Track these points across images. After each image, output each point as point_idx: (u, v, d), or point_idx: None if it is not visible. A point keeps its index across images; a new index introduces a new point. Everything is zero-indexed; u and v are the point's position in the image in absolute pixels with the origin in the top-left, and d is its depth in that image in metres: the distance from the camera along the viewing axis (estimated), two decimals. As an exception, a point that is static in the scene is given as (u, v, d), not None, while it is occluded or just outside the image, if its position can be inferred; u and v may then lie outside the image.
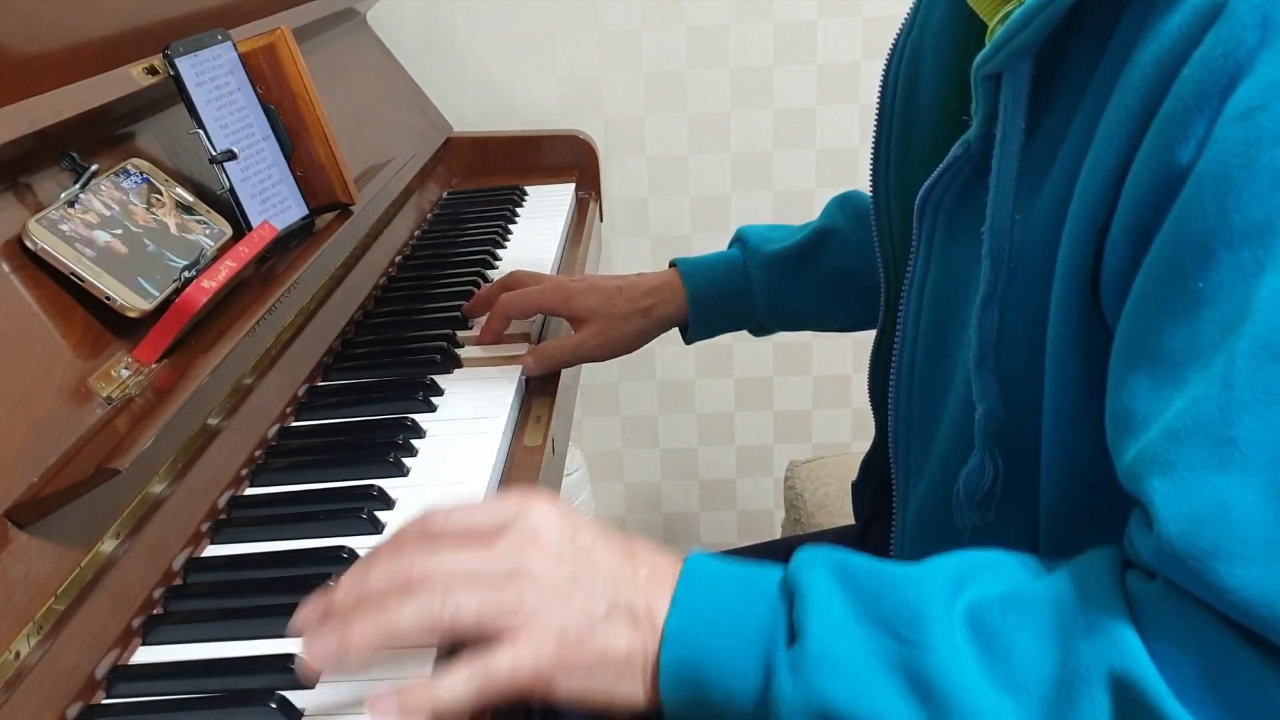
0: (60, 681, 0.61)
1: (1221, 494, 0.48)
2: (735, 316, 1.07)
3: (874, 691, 0.53)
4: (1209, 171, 0.50)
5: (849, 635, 0.54)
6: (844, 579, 0.56)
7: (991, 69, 0.61)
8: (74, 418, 0.70)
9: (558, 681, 0.56)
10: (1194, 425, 0.49)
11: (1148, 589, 0.51)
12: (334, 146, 1.04)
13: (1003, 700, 0.51)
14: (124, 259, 0.79)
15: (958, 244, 0.69)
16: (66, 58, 0.84)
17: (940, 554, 0.58)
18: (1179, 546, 0.49)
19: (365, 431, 0.90)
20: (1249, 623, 0.47)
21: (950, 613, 0.53)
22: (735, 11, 1.68)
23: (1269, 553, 0.47)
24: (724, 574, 0.58)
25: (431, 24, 1.71)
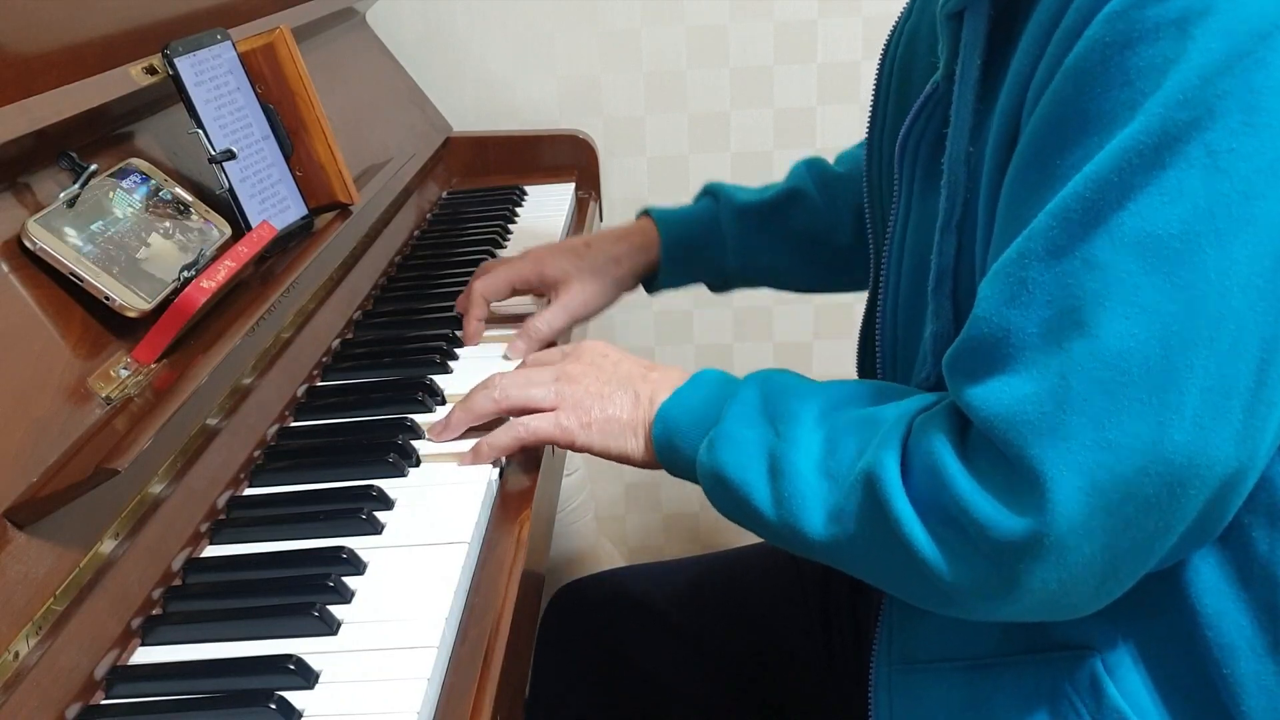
0: (59, 682, 0.61)
1: (1007, 322, 0.59)
2: (704, 266, 1.10)
3: (748, 464, 0.70)
4: (1073, 65, 0.58)
5: (748, 424, 0.72)
6: (764, 388, 0.74)
7: (954, 7, 0.68)
8: (73, 418, 0.70)
9: (576, 435, 0.79)
10: (1000, 267, 0.60)
11: (924, 416, 0.65)
12: (333, 146, 1.04)
13: (820, 482, 0.67)
14: (123, 259, 0.79)
15: (934, 186, 0.73)
16: (66, 57, 0.84)
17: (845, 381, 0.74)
18: (965, 359, 0.61)
19: (365, 432, 0.89)
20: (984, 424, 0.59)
21: (819, 422, 0.70)
22: (735, 11, 1.68)
23: (1024, 371, 0.58)
24: (713, 380, 0.78)
25: (431, 24, 1.71)
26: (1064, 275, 0.57)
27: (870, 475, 0.64)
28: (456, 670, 0.66)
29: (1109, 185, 0.56)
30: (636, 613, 1.02)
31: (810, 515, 0.67)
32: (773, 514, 0.69)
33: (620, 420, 0.79)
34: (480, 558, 0.75)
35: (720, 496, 0.73)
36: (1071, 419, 0.57)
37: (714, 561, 1.08)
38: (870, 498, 0.64)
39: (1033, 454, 0.57)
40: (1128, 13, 0.56)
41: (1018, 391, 0.58)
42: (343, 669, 0.64)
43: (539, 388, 0.81)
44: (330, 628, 0.67)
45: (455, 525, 0.76)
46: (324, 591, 0.69)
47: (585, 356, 0.83)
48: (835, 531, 0.67)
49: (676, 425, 0.76)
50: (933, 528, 0.62)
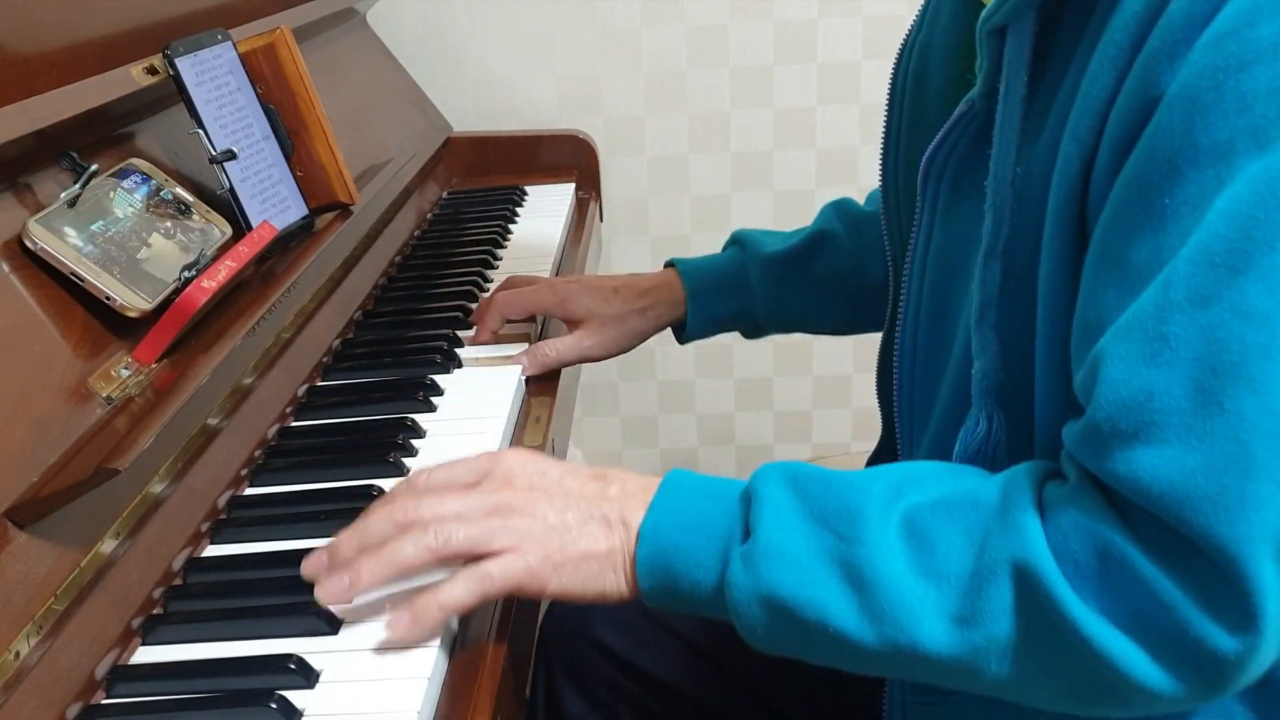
0: (60, 681, 0.61)
1: (1149, 384, 0.52)
2: (733, 316, 1.07)
3: (814, 580, 0.59)
4: (1180, 94, 0.52)
5: (794, 532, 0.60)
6: (794, 485, 0.63)
7: (997, 22, 0.63)
8: (74, 418, 0.70)
9: (549, 580, 0.65)
10: (1134, 321, 0.53)
11: (1060, 491, 0.57)
12: (334, 146, 1.04)
13: (925, 588, 0.57)
14: (124, 259, 0.79)
15: (961, 206, 0.70)
16: (66, 58, 0.84)
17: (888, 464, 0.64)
18: (1104, 428, 0.54)
19: (365, 431, 0.89)
20: (1148, 504, 0.52)
21: (887, 513, 0.59)
22: (735, 11, 1.68)
23: (1183, 439, 0.51)
24: (695, 484, 0.66)
25: (431, 24, 1.71)
26: (1214, 328, 0.51)
27: (1019, 569, 0.55)
28: (457, 670, 0.66)
29: (1254, 222, 0.50)
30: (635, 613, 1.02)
31: (926, 625, 0.57)
32: (868, 633, 0.58)
33: (597, 554, 0.65)
34: (480, 557, 0.75)
35: (775, 626, 0.61)
36: (1260, 487, 0.50)
37: None
38: (1023, 595, 0.55)
39: (1221, 533, 0.51)
40: (1238, 32, 0.51)
41: (1184, 464, 0.51)
42: (343, 668, 0.64)
43: (480, 524, 0.65)
44: (330, 627, 0.67)
45: (455, 525, 0.76)
46: (324, 591, 0.69)
47: (519, 478, 0.67)
48: (969, 639, 0.57)
49: (674, 546, 0.63)
50: (1120, 621, 0.54)
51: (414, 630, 0.64)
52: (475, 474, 0.68)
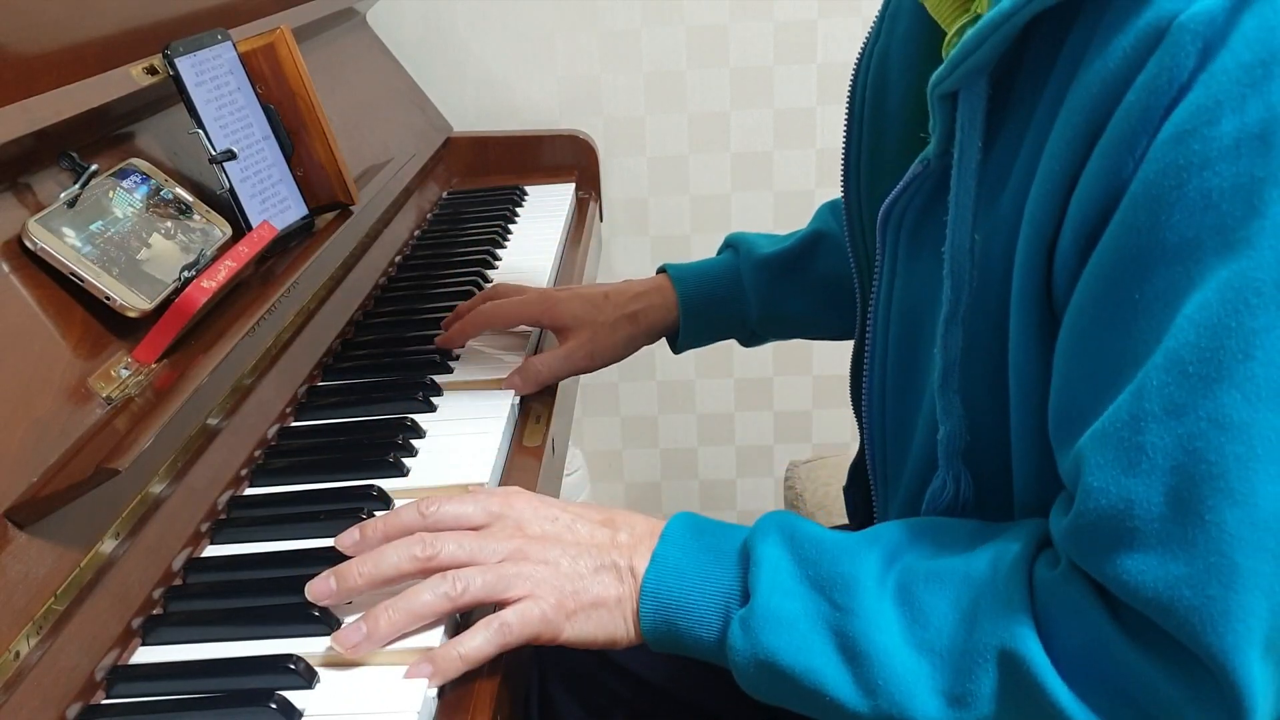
0: (60, 681, 0.61)
1: (1127, 493, 0.53)
2: (727, 322, 1.05)
3: (810, 649, 0.60)
4: (1144, 192, 0.52)
5: (791, 597, 0.62)
6: (792, 547, 0.64)
7: (948, 88, 0.62)
8: (74, 418, 0.70)
9: (563, 627, 0.66)
10: (1111, 430, 0.54)
11: (1051, 576, 0.57)
12: (334, 146, 1.04)
13: (919, 662, 0.58)
14: (124, 259, 0.79)
15: (921, 260, 0.69)
16: (66, 58, 0.84)
17: (882, 524, 0.66)
18: (1087, 534, 0.55)
19: (365, 431, 0.89)
20: (1136, 604, 0.53)
21: (882, 582, 0.61)
22: (735, 11, 1.68)
23: (1164, 548, 0.52)
24: (697, 534, 0.68)
25: (431, 24, 1.71)
26: (1190, 438, 0.51)
27: (1007, 655, 0.56)
28: (457, 670, 0.66)
29: (1225, 331, 0.50)
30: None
31: (919, 700, 0.58)
32: (862, 705, 0.59)
33: (608, 602, 0.66)
34: (480, 557, 0.75)
35: (773, 687, 0.63)
36: (1244, 598, 0.51)
37: None
38: (1011, 681, 0.56)
39: (1209, 642, 0.51)
40: (1199, 131, 0.51)
41: (1168, 572, 0.52)
42: (343, 668, 0.64)
43: (496, 571, 0.65)
44: (331, 627, 0.67)
45: (455, 525, 0.76)
46: (324, 591, 0.69)
47: (531, 524, 0.68)
48: (956, 717, 0.58)
49: (675, 604, 0.65)
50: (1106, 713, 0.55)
51: (437, 679, 0.63)
52: (486, 515, 0.69)
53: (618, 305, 1.01)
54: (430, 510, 0.68)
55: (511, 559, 0.66)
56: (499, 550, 0.66)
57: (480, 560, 0.66)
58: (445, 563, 0.65)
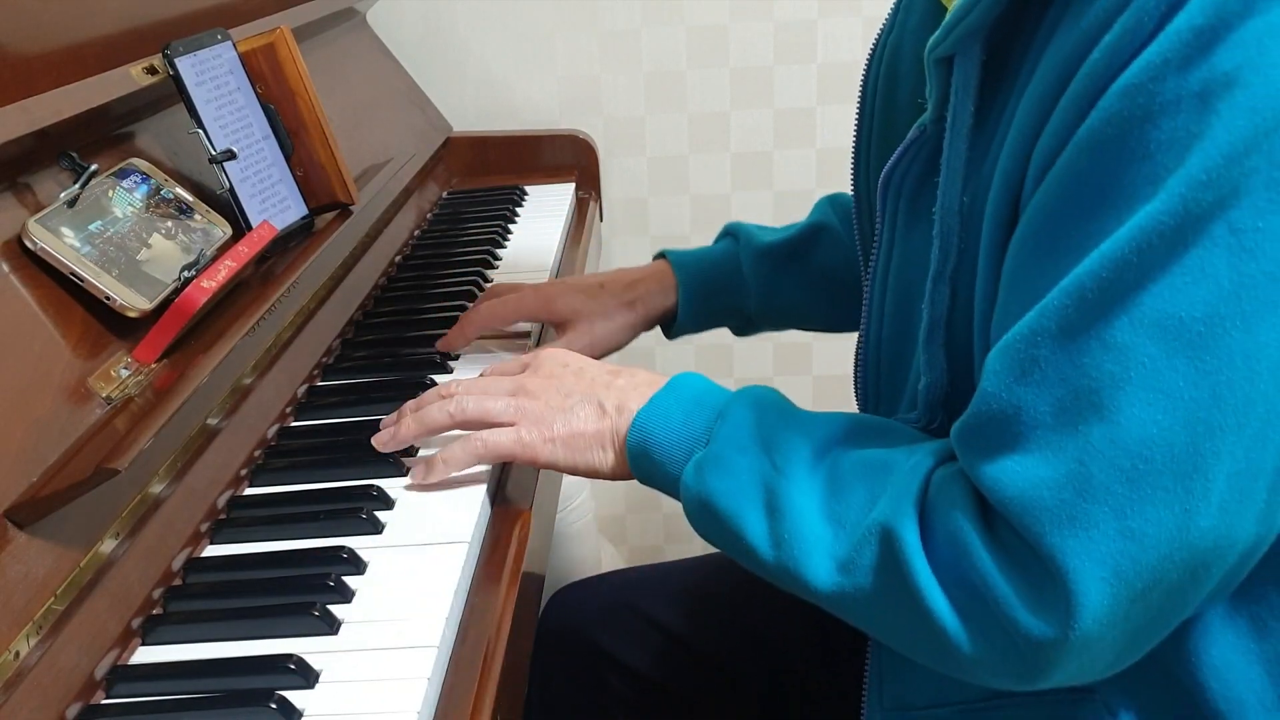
0: (60, 682, 0.61)
1: (1018, 400, 0.57)
2: (726, 310, 1.06)
3: (742, 496, 0.67)
4: (1088, 138, 0.56)
5: (742, 450, 0.68)
6: (759, 410, 0.70)
7: (943, 51, 0.65)
8: (73, 418, 0.70)
9: (539, 451, 0.76)
10: (1011, 342, 0.58)
11: (943, 473, 0.63)
12: (334, 146, 1.04)
13: (825, 528, 0.64)
14: (123, 259, 0.79)
15: (919, 228, 0.71)
16: (66, 57, 0.84)
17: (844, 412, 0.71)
18: (976, 435, 0.59)
19: (365, 431, 0.89)
20: (998, 503, 0.57)
21: (820, 457, 0.67)
22: (735, 11, 1.68)
23: (1038, 454, 0.56)
24: (694, 390, 0.74)
25: (431, 24, 1.71)
26: (1078, 355, 0.55)
27: (887, 531, 0.61)
28: (456, 670, 0.66)
29: (1127, 265, 0.54)
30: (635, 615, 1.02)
31: (814, 563, 0.64)
32: (769, 554, 0.66)
33: (585, 433, 0.75)
34: (480, 558, 0.76)
35: (705, 524, 0.70)
36: (1092, 508, 0.55)
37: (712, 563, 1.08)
38: (887, 556, 0.61)
39: (1052, 543, 0.55)
40: (1146, 85, 0.53)
41: (1033, 475, 0.56)
42: (343, 669, 0.64)
43: (496, 400, 0.78)
44: (330, 627, 0.67)
45: (455, 525, 0.76)
46: (324, 591, 0.69)
47: (544, 368, 0.80)
48: (842, 583, 0.63)
49: (655, 438, 0.72)
50: (955, 598, 0.59)
51: (427, 478, 0.79)
52: (520, 365, 0.83)
53: (614, 294, 1.02)
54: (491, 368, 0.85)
55: (514, 394, 0.78)
56: (507, 386, 0.79)
57: (490, 390, 0.79)
58: (461, 392, 0.80)
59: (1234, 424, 0.53)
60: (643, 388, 0.75)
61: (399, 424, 0.81)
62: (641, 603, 1.02)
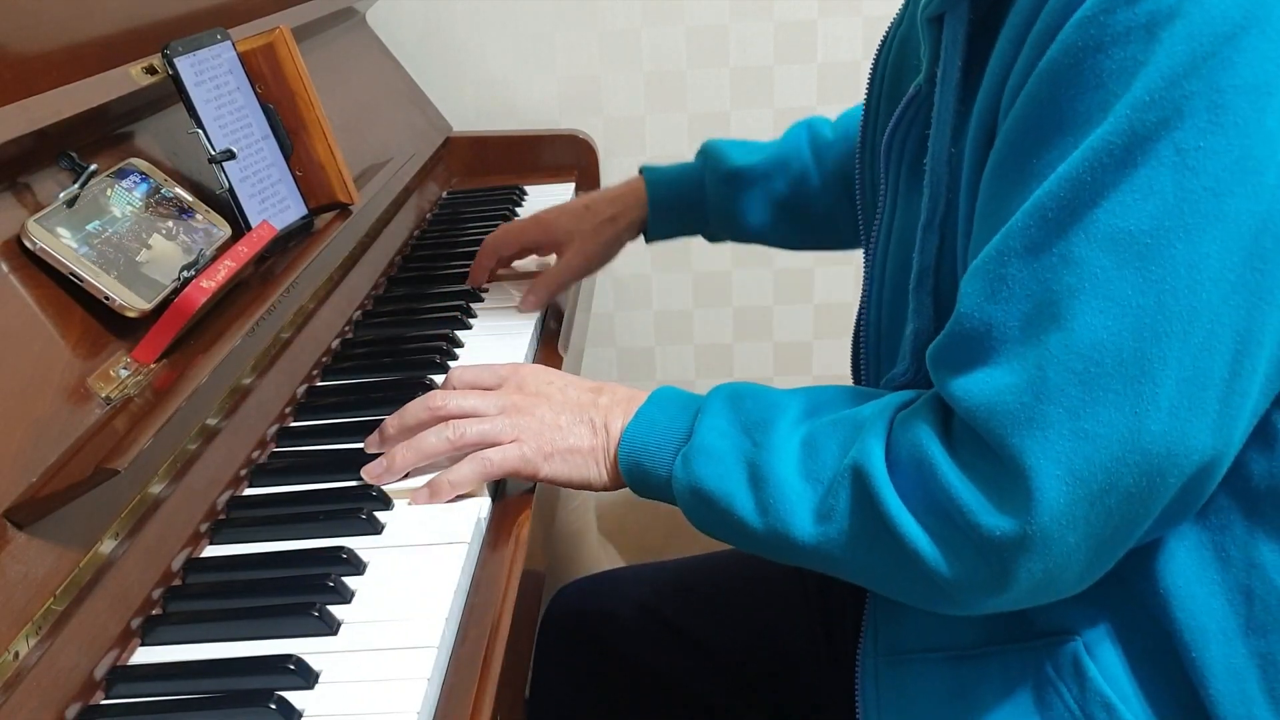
0: (59, 682, 0.61)
1: (989, 317, 0.61)
2: (689, 224, 1.19)
3: (727, 475, 0.70)
4: (1047, 69, 0.59)
5: (722, 436, 0.72)
6: (734, 400, 0.74)
7: (933, 10, 0.70)
8: (73, 418, 0.70)
9: (541, 466, 0.78)
10: (981, 264, 0.62)
11: (908, 407, 0.67)
12: (333, 146, 1.04)
13: (804, 488, 0.68)
14: (123, 259, 0.79)
15: (918, 191, 0.74)
16: (66, 57, 0.84)
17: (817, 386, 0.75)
18: (949, 353, 0.63)
19: (365, 432, 0.89)
20: (963, 412, 0.61)
21: (796, 426, 0.70)
22: (735, 11, 1.68)
23: (1005, 364, 0.60)
24: (673, 400, 0.77)
25: (431, 24, 1.71)
26: (1041, 271, 0.59)
27: (857, 469, 0.65)
28: (456, 670, 0.66)
29: (1083, 184, 0.58)
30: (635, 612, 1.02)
31: (797, 519, 0.67)
32: (758, 523, 0.69)
33: (581, 450, 0.78)
34: (480, 558, 0.76)
35: (701, 512, 0.73)
36: (1049, 409, 0.58)
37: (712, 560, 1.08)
38: (859, 492, 0.65)
39: (1013, 443, 0.59)
40: (1097, 17, 0.57)
41: (998, 382, 0.60)
42: (343, 669, 0.64)
43: (494, 422, 0.79)
44: (330, 628, 0.67)
45: (455, 525, 0.76)
46: (324, 591, 0.69)
47: (529, 384, 0.81)
48: (824, 531, 0.67)
49: (644, 447, 0.75)
50: (923, 519, 0.63)
51: (433, 501, 0.78)
52: (496, 379, 0.82)
53: (598, 213, 1.17)
54: (455, 376, 0.84)
55: (506, 412, 0.79)
56: (497, 404, 0.79)
57: (480, 413, 0.79)
58: (453, 413, 0.79)
59: (1179, 330, 0.57)
60: (625, 404, 0.79)
61: (391, 454, 0.80)
62: (644, 600, 1.03)
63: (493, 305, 1.16)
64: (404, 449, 0.80)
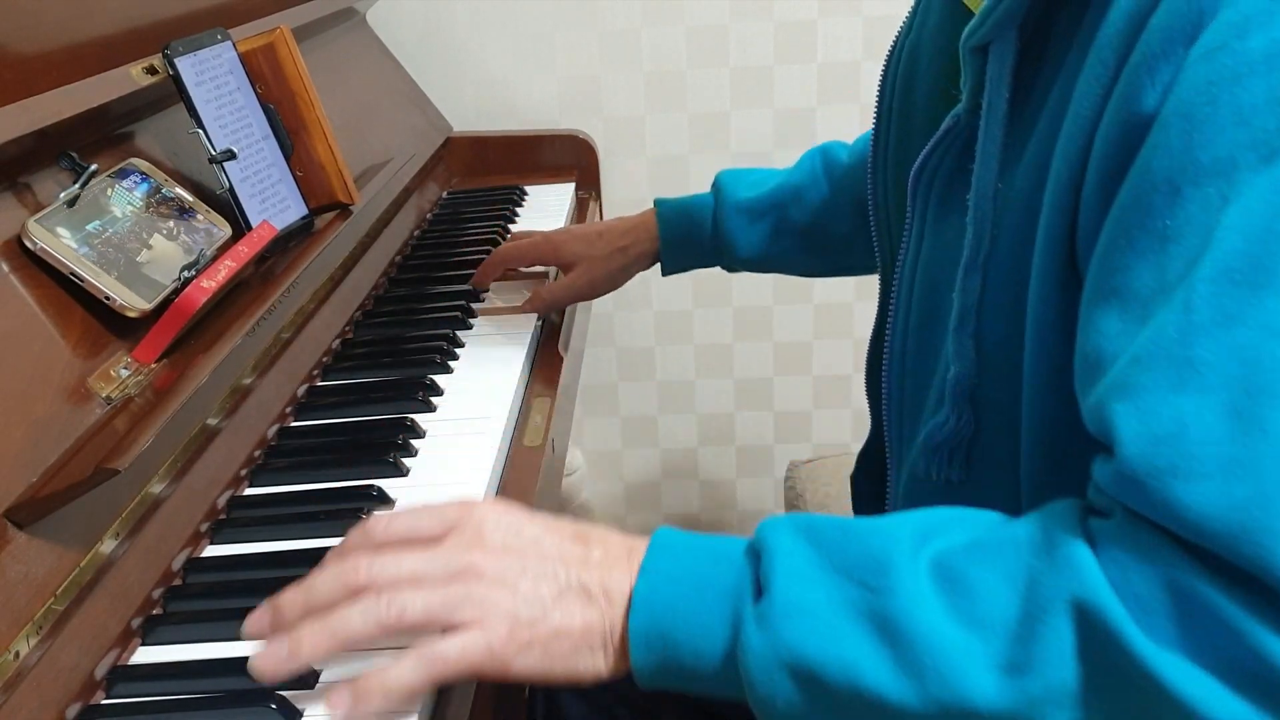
0: (60, 681, 0.61)
1: (1180, 414, 0.49)
2: (704, 258, 1.16)
3: (842, 637, 0.53)
4: (1174, 111, 0.51)
5: (815, 584, 0.55)
6: (808, 534, 0.57)
7: (979, 40, 0.64)
8: (73, 418, 0.70)
9: (512, 661, 0.57)
10: (1154, 349, 0.50)
11: (1106, 525, 0.52)
12: (334, 146, 1.04)
13: (968, 637, 0.52)
14: (123, 259, 0.79)
15: (950, 218, 0.70)
16: (66, 57, 0.84)
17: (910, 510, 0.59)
18: (1138, 467, 0.50)
19: (365, 431, 0.89)
20: (1204, 541, 0.48)
21: (915, 559, 0.54)
22: (735, 11, 1.68)
23: (1225, 470, 0.48)
24: (691, 543, 0.59)
25: (431, 24, 1.71)
26: (1244, 348, 0.48)
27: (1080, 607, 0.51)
28: (457, 670, 0.65)
29: (1272, 235, 0.48)
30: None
31: (974, 678, 0.52)
32: (908, 693, 0.53)
33: (571, 632, 0.57)
34: (480, 557, 0.75)
35: (800, 693, 0.55)
36: None
37: None
38: (1084, 635, 0.51)
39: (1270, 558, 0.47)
40: (1229, 45, 0.50)
41: (1231, 496, 0.48)
42: (342, 669, 0.64)
43: (444, 591, 0.57)
44: (330, 627, 0.67)
45: (455, 525, 0.76)
46: (324, 591, 0.69)
47: (489, 534, 0.59)
48: (1022, 688, 0.52)
49: (673, 612, 0.57)
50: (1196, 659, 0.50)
51: (357, 708, 0.56)
52: (443, 524, 0.60)
53: (610, 241, 1.16)
54: (379, 527, 0.61)
55: (461, 577, 0.57)
56: (449, 565, 0.58)
57: (425, 577, 0.57)
58: (386, 584, 0.57)
59: None
60: (623, 559, 0.59)
61: (297, 637, 0.57)
62: None
63: (493, 305, 1.16)
64: (314, 630, 0.57)
